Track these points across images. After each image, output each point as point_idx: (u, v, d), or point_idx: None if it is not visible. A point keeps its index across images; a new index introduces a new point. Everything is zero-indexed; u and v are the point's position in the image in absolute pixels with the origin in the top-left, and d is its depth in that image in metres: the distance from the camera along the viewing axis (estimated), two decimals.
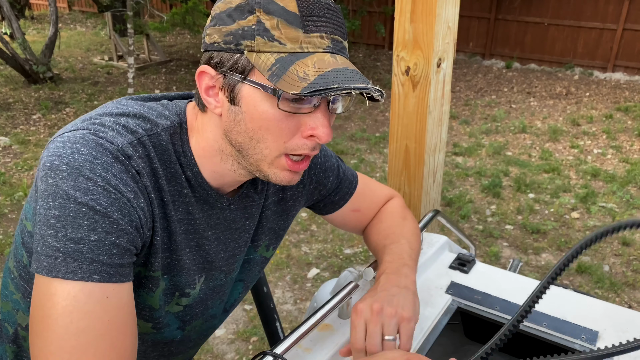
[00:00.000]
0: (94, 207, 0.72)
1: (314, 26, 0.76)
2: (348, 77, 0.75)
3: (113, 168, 0.75)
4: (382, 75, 8.70)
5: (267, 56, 0.76)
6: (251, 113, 0.79)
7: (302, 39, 0.76)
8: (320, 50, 0.77)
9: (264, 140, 0.80)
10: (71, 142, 0.75)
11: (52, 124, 6.22)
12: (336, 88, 0.72)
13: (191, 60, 9.45)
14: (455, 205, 4.45)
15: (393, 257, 1.05)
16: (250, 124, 0.80)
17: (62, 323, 0.70)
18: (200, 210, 0.91)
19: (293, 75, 0.73)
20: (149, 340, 1.00)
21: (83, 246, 0.71)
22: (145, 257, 0.85)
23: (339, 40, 0.80)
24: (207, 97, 0.83)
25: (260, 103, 0.78)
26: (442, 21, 1.53)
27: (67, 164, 0.73)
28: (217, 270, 0.99)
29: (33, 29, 12.00)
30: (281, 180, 0.84)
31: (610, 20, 8.33)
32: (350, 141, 5.98)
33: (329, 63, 0.76)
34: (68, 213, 0.71)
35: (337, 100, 0.82)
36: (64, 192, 0.72)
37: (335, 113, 0.84)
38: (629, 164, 5.22)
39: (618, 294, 3.36)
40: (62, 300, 0.70)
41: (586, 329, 1.08)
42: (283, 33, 0.75)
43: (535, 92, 7.76)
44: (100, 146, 0.76)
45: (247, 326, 3.03)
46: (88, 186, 0.72)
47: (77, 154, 0.74)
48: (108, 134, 0.78)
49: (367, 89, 0.75)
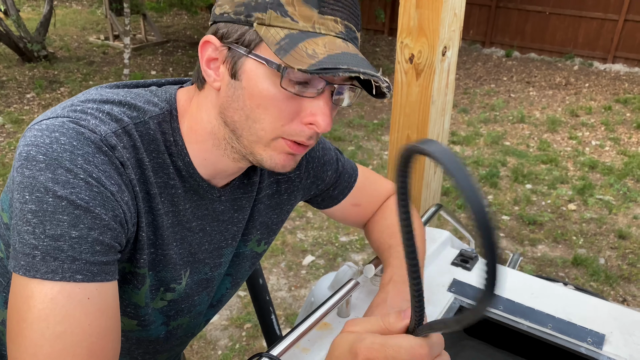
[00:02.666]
0: (75, 202, 0.67)
1: (329, 8, 0.73)
2: (358, 62, 0.70)
3: (95, 159, 0.70)
4: (381, 62, 8.62)
5: (276, 30, 0.71)
6: (251, 89, 0.74)
7: (316, 19, 0.72)
8: (332, 34, 0.73)
9: (261, 121, 0.75)
10: (49, 131, 0.69)
11: (46, 104, 6.13)
12: (345, 69, 0.67)
13: (188, 42, 9.33)
14: (453, 194, 4.42)
15: (401, 261, 1.01)
16: (248, 101, 0.75)
17: (37, 328, 0.65)
18: (188, 202, 0.86)
19: (301, 52, 0.69)
20: (133, 337, 0.95)
21: (63, 243, 0.66)
22: (130, 253, 0.80)
23: (352, 29, 0.76)
24: (208, 69, 0.78)
25: (262, 80, 0.73)
26: (448, 7, 1.48)
27: (45, 154, 0.67)
28: (202, 263, 0.95)
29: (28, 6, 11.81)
30: (276, 164, 0.79)
31: (612, 11, 8.26)
32: (347, 127, 5.93)
33: (340, 47, 0.72)
34: (46, 208, 0.66)
35: (343, 91, 0.78)
36: (42, 185, 0.66)
37: (339, 105, 0.80)
38: (626, 157, 5.20)
39: (613, 287, 3.35)
40: (38, 303, 0.65)
41: (592, 331, 1.05)
42: (297, 10, 0.72)
43: (535, 81, 7.71)
44: (81, 135, 0.70)
45: (240, 312, 3.01)
46: (68, 179, 0.67)
47: (55, 144, 0.68)
48: (90, 122, 0.72)
49: (377, 77, 0.71)
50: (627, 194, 4.48)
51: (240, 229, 0.99)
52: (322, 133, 0.76)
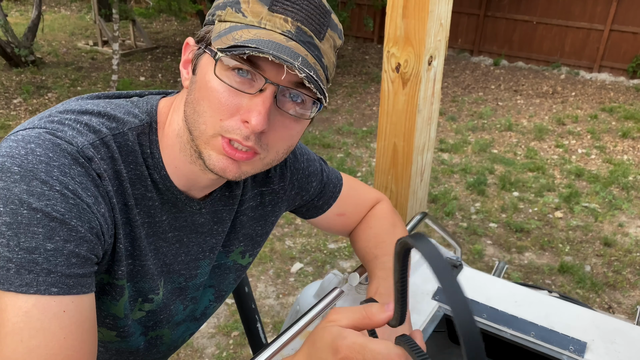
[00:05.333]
0: (50, 214, 0.66)
1: (281, 7, 0.73)
2: (281, 50, 0.68)
3: (71, 171, 0.69)
4: (370, 69, 8.66)
5: (225, 24, 0.74)
6: (199, 81, 0.75)
7: (264, 15, 0.73)
8: (277, 31, 0.72)
9: (203, 114, 0.74)
10: (25, 142, 0.69)
11: (33, 109, 6.08)
12: (253, 47, 0.66)
13: (177, 48, 9.31)
14: (440, 202, 4.44)
15: (387, 272, 1.01)
16: (197, 94, 0.75)
17: (10, 342, 0.64)
18: (165, 213, 0.86)
19: (230, 37, 0.70)
20: (112, 348, 0.95)
21: (38, 256, 0.65)
22: (108, 264, 0.80)
23: (306, 33, 0.74)
24: (183, 69, 0.82)
25: (207, 70, 0.74)
26: (434, 18, 1.49)
27: (20, 165, 0.66)
28: (176, 274, 0.94)
29: (16, 10, 11.73)
30: (214, 165, 0.76)
31: (598, 21, 8.37)
32: (337, 134, 5.94)
33: (275, 38, 0.70)
34: (21, 220, 0.65)
35: (285, 95, 0.75)
36: (16, 197, 0.65)
37: (286, 111, 0.75)
38: (612, 165, 5.25)
39: (599, 295, 3.38)
40: (12, 316, 0.64)
41: (574, 339, 1.06)
42: (250, 7, 0.73)
43: (522, 90, 7.78)
44: (57, 147, 0.70)
45: (228, 320, 2.99)
46: (43, 190, 0.66)
47: (31, 155, 0.67)
48: (67, 134, 0.72)
49: (290, 64, 0.67)
50: (612, 201, 4.52)
51: (219, 240, 0.98)
52: (254, 131, 0.72)
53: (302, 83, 0.73)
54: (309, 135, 5.84)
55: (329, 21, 0.76)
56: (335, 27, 0.78)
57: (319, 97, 0.74)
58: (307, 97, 0.75)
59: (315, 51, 0.75)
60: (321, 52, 0.76)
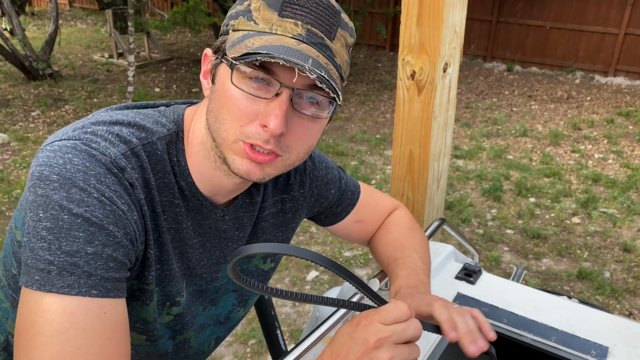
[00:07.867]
0: (90, 219, 0.69)
1: (290, 12, 0.74)
2: (292, 54, 0.70)
3: (107, 179, 0.73)
4: (382, 77, 8.67)
5: (238, 33, 0.76)
6: (219, 90, 0.78)
7: (275, 21, 0.74)
8: (288, 35, 0.74)
9: (224, 121, 0.77)
10: (62, 152, 0.72)
11: (51, 121, 6.18)
12: (265, 54, 0.68)
13: (192, 59, 9.42)
14: (456, 208, 4.43)
15: (409, 272, 1.02)
16: (217, 102, 0.78)
17: (57, 341, 0.66)
18: (190, 219, 0.89)
19: (243, 46, 0.72)
20: (142, 352, 0.97)
21: (79, 259, 0.68)
22: (138, 270, 0.83)
23: (317, 34, 0.75)
24: (204, 79, 0.85)
25: (225, 79, 0.77)
26: (449, 25, 1.50)
27: (59, 174, 0.70)
28: (198, 277, 0.97)
29: (33, 25, 11.96)
30: (239, 169, 0.78)
31: (612, 25, 8.31)
32: (350, 142, 5.95)
33: (286, 43, 0.72)
34: (62, 225, 0.68)
35: (302, 97, 0.76)
36: (57, 204, 0.68)
37: (303, 112, 0.77)
38: (630, 170, 5.20)
39: (619, 301, 3.33)
40: (57, 316, 0.66)
41: (596, 344, 1.06)
42: (260, 14, 0.75)
43: (537, 95, 7.74)
44: (93, 157, 0.73)
45: (245, 329, 3.00)
46: (82, 197, 0.70)
47: (69, 164, 0.71)
48: (101, 145, 0.75)
49: (301, 66, 0.68)
50: (631, 206, 4.47)
51: (240, 246, 1.00)
52: (273, 134, 0.74)
53: (316, 84, 0.75)
54: (322, 143, 5.85)
55: (338, 20, 0.78)
56: (345, 25, 0.80)
57: (333, 97, 0.75)
58: (323, 98, 0.77)
59: (327, 51, 0.76)
60: (333, 52, 0.77)
